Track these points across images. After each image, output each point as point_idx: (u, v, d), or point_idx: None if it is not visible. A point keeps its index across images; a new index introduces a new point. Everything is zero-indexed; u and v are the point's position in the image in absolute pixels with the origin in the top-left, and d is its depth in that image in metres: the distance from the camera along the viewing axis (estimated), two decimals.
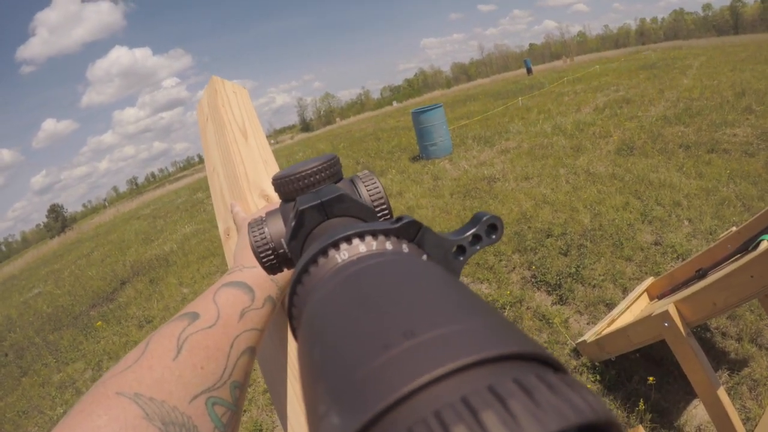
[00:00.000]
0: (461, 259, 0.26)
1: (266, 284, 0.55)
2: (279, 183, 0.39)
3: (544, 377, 0.11)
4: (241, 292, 0.52)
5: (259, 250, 0.39)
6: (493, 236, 0.27)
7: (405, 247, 0.23)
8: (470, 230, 0.26)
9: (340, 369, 0.14)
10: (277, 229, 0.40)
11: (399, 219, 0.24)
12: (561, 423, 0.10)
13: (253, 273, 0.55)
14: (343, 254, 0.22)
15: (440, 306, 0.15)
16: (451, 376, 0.12)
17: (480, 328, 0.14)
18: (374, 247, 0.23)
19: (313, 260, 0.23)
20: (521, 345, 0.13)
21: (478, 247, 0.27)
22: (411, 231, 0.24)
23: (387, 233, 0.23)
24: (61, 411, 3.76)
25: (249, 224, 0.41)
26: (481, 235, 0.26)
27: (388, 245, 0.23)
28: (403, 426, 0.11)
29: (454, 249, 0.26)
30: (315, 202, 0.32)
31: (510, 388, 0.11)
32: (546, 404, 0.10)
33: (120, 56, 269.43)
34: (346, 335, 0.15)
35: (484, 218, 0.26)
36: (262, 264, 0.40)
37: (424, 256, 0.24)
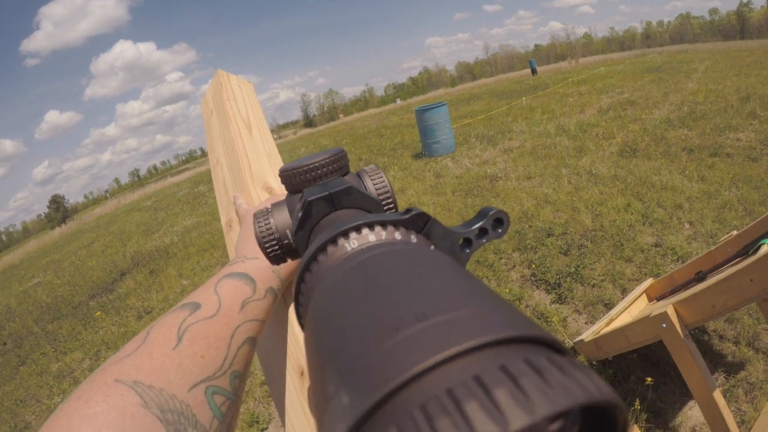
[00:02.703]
0: (467, 251, 0.27)
1: (268, 275, 0.55)
2: (286, 175, 0.39)
3: (553, 359, 0.11)
4: (242, 283, 0.52)
5: (264, 240, 0.39)
6: (499, 230, 0.27)
7: (413, 238, 0.24)
8: (477, 223, 0.27)
9: (351, 351, 0.14)
10: (283, 220, 0.40)
11: (408, 210, 0.25)
12: (570, 401, 0.10)
13: (255, 264, 0.55)
14: (352, 243, 0.23)
15: (450, 291, 0.16)
16: (463, 357, 0.12)
17: (490, 313, 0.14)
18: (383, 237, 0.23)
19: (323, 248, 0.23)
20: (530, 329, 0.13)
21: (484, 240, 0.27)
22: (419, 222, 0.25)
23: (396, 224, 0.24)
24: (59, 400, 3.77)
25: (255, 215, 0.41)
26: (488, 229, 0.27)
27: (397, 235, 0.23)
28: (416, 403, 0.11)
29: (461, 241, 0.26)
30: (323, 194, 0.32)
31: (521, 368, 0.11)
32: (556, 383, 0.10)
33: (124, 50, 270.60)
34: (356, 319, 0.15)
35: (491, 212, 0.27)
36: (267, 254, 0.40)
37: (432, 247, 0.25)
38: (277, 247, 0.40)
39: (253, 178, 0.83)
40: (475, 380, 0.11)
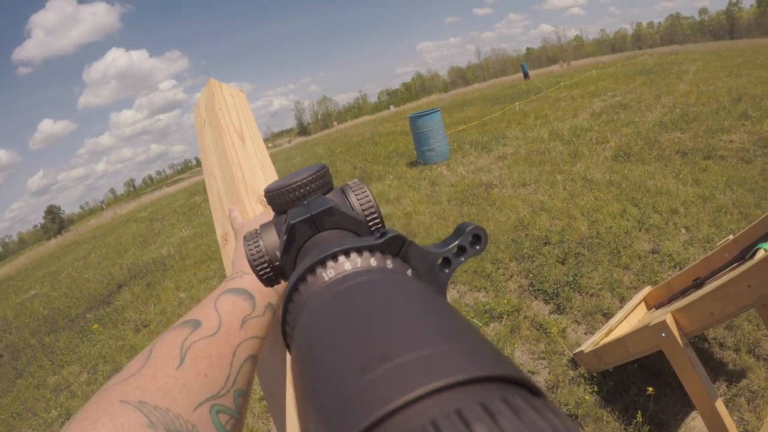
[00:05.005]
0: (447, 271, 0.26)
1: (267, 291, 0.55)
2: (270, 196, 0.39)
3: (509, 401, 0.11)
4: (241, 299, 0.52)
5: (256, 263, 0.40)
6: (477, 247, 0.27)
7: (389, 263, 0.24)
8: (454, 242, 0.26)
9: (325, 391, 0.14)
10: (272, 241, 0.40)
11: (383, 234, 0.24)
12: None
13: (254, 279, 0.55)
14: (329, 272, 0.23)
15: (418, 328, 0.16)
16: (423, 400, 0.12)
17: (453, 351, 0.14)
18: (359, 264, 0.23)
19: (302, 278, 0.23)
20: (493, 368, 0.13)
21: (462, 259, 0.27)
22: (395, 246, 0.24)
23: (372, 249, 0.24)
24: (56, 414, 3.75)
25: (244, 237, 0.41)
26: (465, 246, 0.27)
27: (373, 261, 0.23)
28: None
29: (440, 261, 0.26)
30: (305, 216, 0.32)
31: (476, 412, 0.11)
32: (509, 429, 0.10)
33: (116, 58, 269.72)
34: (330, 357, 0.16)
35: (468, 229, 0.27)
36: (260, 277, 0.40)
37: (409, 271, 0.24)
38: (268, 270, 0.40)
39: (247, 189, 0.83)
40: (432, 426, 0.11)
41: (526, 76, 30.16)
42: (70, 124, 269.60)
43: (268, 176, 0.87)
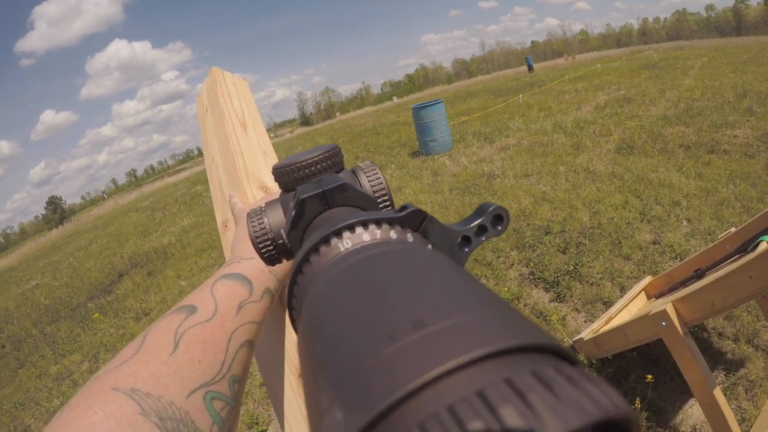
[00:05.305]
0: (466, 250, 0.26)
1: (264, 276, 0.54)
2: (279, 172, 0.38)
3: (562, 370, 0.11)
4: (239, 284, 0.51)
5: (258, 240, 0.39)
6: (499, 227, 0.26)
7: (410, 237, 0.23)
8: (476, 221, 0.26)
9: (344, 361, 0.13)
10: (277, 219, 0.39)
11: (403, 208, 0.23)
12: (583, 418, 0.09)
13: (251, 265, 0.54)
14: (345, 243, 0.22)
15: (450, 296, 0.15)
16: (465, 369, 0.11)
17: (493, 319, 0.13)
18: (378, 236, 0.22)
19: (315, 249, 0.22)
20: (536, 337, 0.12)
21: (483, 238, 0.26)
22: (415, 220, 0.23)
23: (391, 222, 0.23)
24: (58, 403, 3.76)
25: (248, 214, 0.40)
26: (487, 226, 0.26)
27: (392, 234, 0.22)
28: (414, 421, 0.10)
29: (459, 239, 0.25)
30: (316, 191, 0.31)
31: (528, 382, 0.10)
32: (567, 398, 0.09)
33: (119, 49, 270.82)
34: (349, 326, 0.15)
35: (490, 209, 0.26)
36: (261, 255, 0.39)
37: (429, 246, 0.24)
38: (271, 247, 0.39)
39: (248, 177, 0.82)
40: (479, 396, 0.10)
41: (530, 68, 30.02)
42: (72, 114, 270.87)
43: (270, 164, 0.86)
